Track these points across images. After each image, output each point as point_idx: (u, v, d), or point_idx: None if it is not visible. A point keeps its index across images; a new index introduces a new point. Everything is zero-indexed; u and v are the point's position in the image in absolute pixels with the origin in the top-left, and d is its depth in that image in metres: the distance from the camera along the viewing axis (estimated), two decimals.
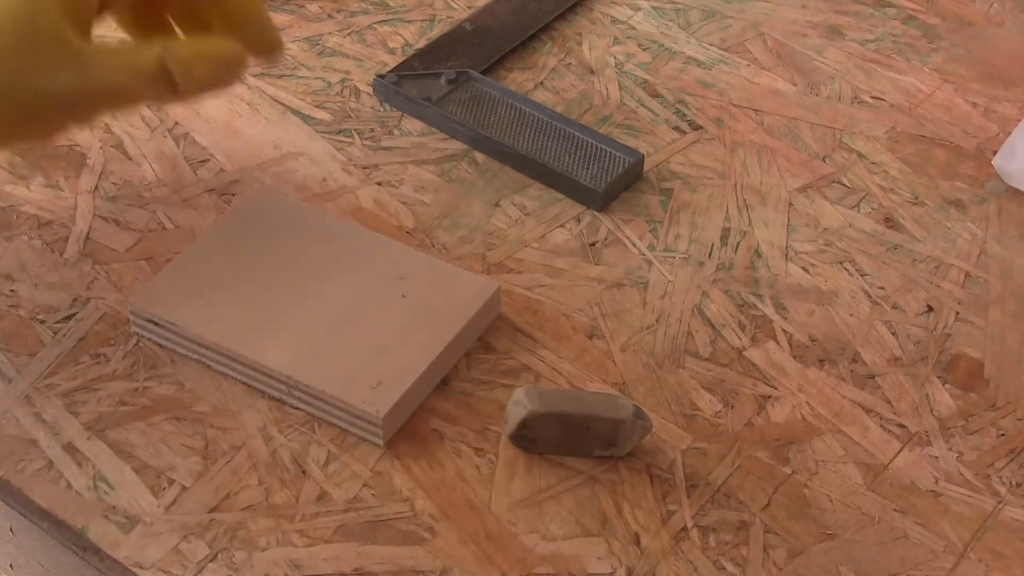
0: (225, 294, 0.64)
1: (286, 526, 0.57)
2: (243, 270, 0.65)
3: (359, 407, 0.60)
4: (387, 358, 0.62)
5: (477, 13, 0.84)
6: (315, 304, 0.64)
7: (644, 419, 0.60)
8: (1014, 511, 0.60)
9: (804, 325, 0.67)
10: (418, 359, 0.62)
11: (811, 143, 0.77)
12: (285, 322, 0.63)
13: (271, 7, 0.84)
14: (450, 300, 0.64)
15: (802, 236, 0.72)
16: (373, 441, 0.60)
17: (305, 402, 0.61)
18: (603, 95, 0.80)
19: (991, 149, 0.77)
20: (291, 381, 0.61)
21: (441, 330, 0.63)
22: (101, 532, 0.57)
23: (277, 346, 0.62)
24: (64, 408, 0.61)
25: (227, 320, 0.63)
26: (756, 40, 0.84)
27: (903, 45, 0.84)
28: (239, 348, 0.62)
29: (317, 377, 0.61)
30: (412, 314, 0.64)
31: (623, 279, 0.69)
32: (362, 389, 0.60)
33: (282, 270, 0.65)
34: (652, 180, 0.74)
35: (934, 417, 0.63)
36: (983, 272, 0.70)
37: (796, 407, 0.63)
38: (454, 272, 0.66)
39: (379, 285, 0.65)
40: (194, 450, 0.60)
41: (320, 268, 0.65)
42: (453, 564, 0.57)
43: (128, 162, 0.73)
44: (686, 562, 0.57)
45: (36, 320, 0.65)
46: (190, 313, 0.63)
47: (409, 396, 0.61)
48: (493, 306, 0.66)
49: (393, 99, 0.78)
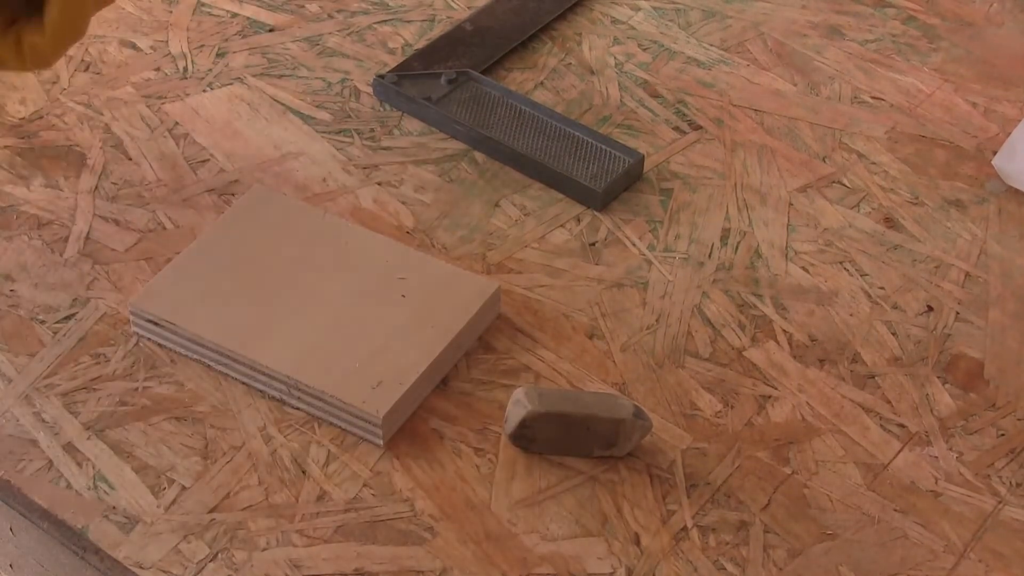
0: (225, 294, 0.64)
1: (286, 526, 0.57)
2: (243, 270, 0.65)
3: (359, 407, 0.60)
4: (387, 358, 0.62)
5: (477, 13, 0.84)
6: (315, 304, 0.64)
7: (644, 419, 0.60)
8: (1014, 511, 0.60)
9: (804, 325, 0.67)
10: (418, 359, 0.62)
11: (811, 143, 0.77)
12: (285, 322, 0.63)
13: (271, 6, 0.84)
14: (450, 300, 0.64)
15: (802, 236, 0.72)
16: (373, 441, 0.60)
17: (305, 402, 0.61)
18: (603, 95, 0.80)
19: (991, 149, 0.77)
20: (291, 381, 0.61)
21: (441, 330, 0.63)
22: (101, 532, 0.57)
23: (277, 346, 0.62)
24: (64, 408, 0.61)
25: (227, 320, 0.63)
26: (756, 40, 0.84)
27: (903, 45, 0.84)
28: (239, 348, 0.62)
29: (317, 377, 0.61)
30: (412, 314, 0.64)
31: (623, 279, 0.69)
32: (362, 389, 0.60)
33: (282, 270, 0.65)
34: (652, 180, 0.74)
35: (934, 417, 0.63)
36: (983, 272, 0.70)
37: (796, 407, 0.63)
38: (454, 272, 0.66)
39: (379, 285, 0.65)
40: (194, 450, 0.60)
41: (320, 268, 0.65)
42: (453, 564, 0.57)
43: (128, 162, 0.73)
44: (686, 562, 0.57)
45: (36, 320, 0.65)
46: (190, 313, 0.63)
47: (409, 396, 0.61)
48: (493, 306, 0.66)
49: (393, 99, 0.78)
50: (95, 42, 0.81)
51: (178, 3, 0.84)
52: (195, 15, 0.83)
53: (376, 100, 0.78)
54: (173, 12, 0.84)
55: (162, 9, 0.84)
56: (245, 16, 0.84)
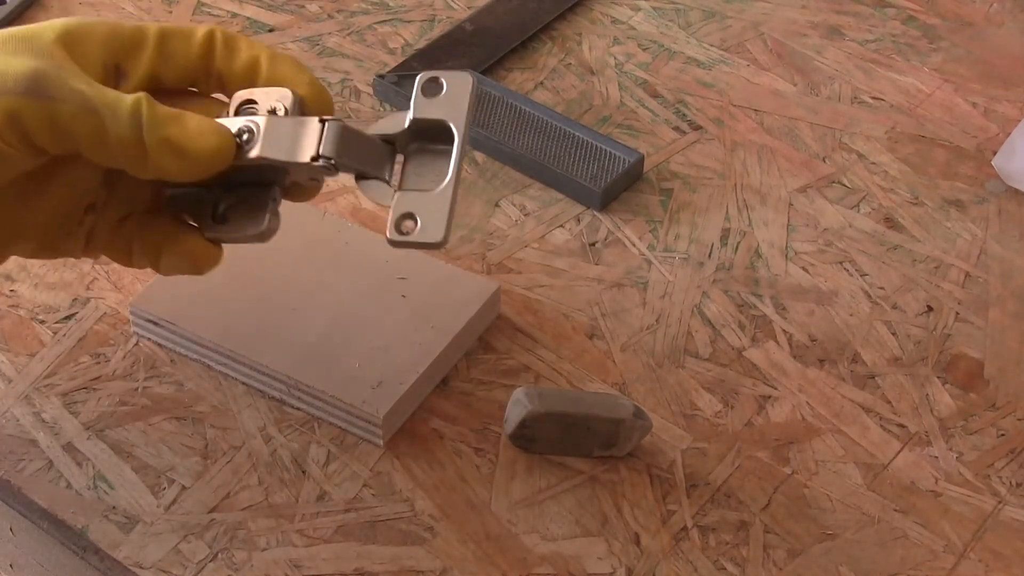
0: (225, 294, 0.64)
1: (286, 526, 0.57)
2: (243, 270, 0.65)
3: (359, 407, 0.60)
4: (387, 358, 0.62)
5: (477, 13, 0.84)
6: (315, 304, 0.64)
7: (644, 419, 0.60)
8: (1014, 511, 0.60)
9: (804, 325, 0.67)
10: (418, 359, 0.62)
11: (811, 143, 0.77)
12: (284, 322, 0.63)
13: (271, 6, 0.84)
14: (450, 300, 0.64)
15: (802, 236, 0.72)
16: (373, 441, 0.60)
17: (305, 402, 0.61)
18: (603, 95, 0.80)
19: (991, 149, 0.77)
20: (291, 381, 0.61)
21: (441, 330, 0.63)
22: (101, 532, 0.57)
23: (277, 347, 0.62)
24: (64, 408, 0.61)
25: (227, 320, 0.63)
26: (756, 40, 0.84)
27: (903, 45, 0.84)
28: (239, 348, 0.62)
29: (317, 377, 0.61)
30: (412, 314, 0.64)
31: (623, 279, 0.69)
32: (362, 389, 0.60)
33: (282, 270, 0.65)
34: (652, 180, 0.74)
35: (934, 417, 0.63)
36: (983, 272, 0.70)
37: (796, 407, 0.63)
38: (454, 272, 0.66)
39: (379, 285, 0.65)
40: (194, 450, 0.60)
41: (320, 268, 0.65)
42: (453, 564, 0.57)
43: None
44: (686, 562, 0.57)
45: (36, 320, 0.65)
46: (190, 313, 0.63)
47: (409, 396, 0.61)
48: (493, 306, 0.66)
49: (393, 99, 0.78)
50: None
51: (178, 3, 0.84)
52: (195, 15, 0.83)
53: (376, 100, 0.78)
54: (173, 12, 0.84)
55: (162, 9, 0.84)
56: (245, 16, 0.84)
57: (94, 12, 0.83)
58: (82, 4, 0.84)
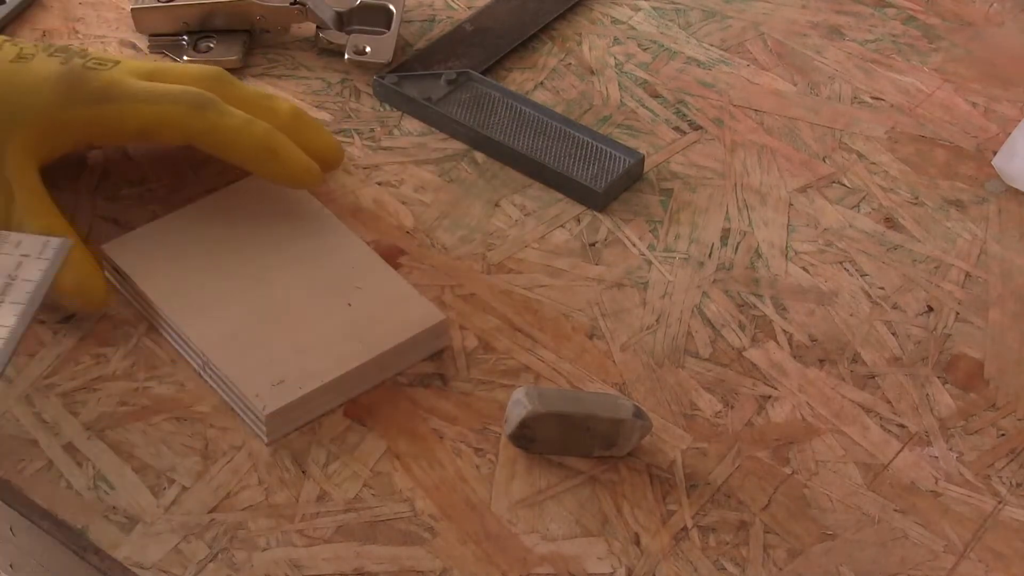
0: (189, 262, 0.65)
1: (286, 526, 0.58)
2: (216, 245, 0.66)
3: (250, 399, 0.59)
4: (300, 359, 0.61)
5: (477, 13, 0.84)
6: (262, 292, 0.64)
7: (644, 419, 0.60)
8: (1014, 511, 0.60)
9: (804, 325, 0.67)
10: (328, 369, 0.61)
11: (811, 143, 0.77)
12: (226, 301, 0.63)
13: None
14: (390, 320, 0.63)
15: (802, 236, 0.72)
16: (260, 437, 0.60)
17: (215, 381, 0.61)
18: (603, 95, 0.80)
19: (991, 149, 0.77)
20: (204, 357, 0.61)
21: (367, 346, 0.62)
22: (101, 532, 0.57)
23: (205, 321, 0.62)
24: (64, 408, 0.61)
25: (177, 286, 0.64)
26: (756, 40, 0.84)
27: (903, 45, 0.84)
28: (170, 314, 0.63)
29: (225, 360, 0.61)
30: (348, 324, 0.63)
31: (623, 279, 0.69)
32: (261, 383, 0.60)
33: (251, 253, 0.66)
34: (652, 180, 0.74)
35: (934, 417, 0.63)
36: (983, 272, 0.70)
37: (796, 407, 0.63)
38: (410, 295, 0.65)
39: (333, 288, 0.64)
40: (194, 450, 0.60)
41: (285, 260, 0.66)
42: (453, 564, 0.57)
43: (128, 162, 0.73)
44: (686, 562, 0.57)
45: (36, 320, 0.65)
46: (148, 270, 0.64)
47: (306, 403, 0.60)
48: (437, 336, 0.64)
49: (393, 99, 0.78)
50: (95, 42, 0.81)
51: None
52: None
53: (376, 100, 0.78)
54: None
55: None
56: None
57: (94, 12, 0.83)
58: (82, 4, 0.84)
